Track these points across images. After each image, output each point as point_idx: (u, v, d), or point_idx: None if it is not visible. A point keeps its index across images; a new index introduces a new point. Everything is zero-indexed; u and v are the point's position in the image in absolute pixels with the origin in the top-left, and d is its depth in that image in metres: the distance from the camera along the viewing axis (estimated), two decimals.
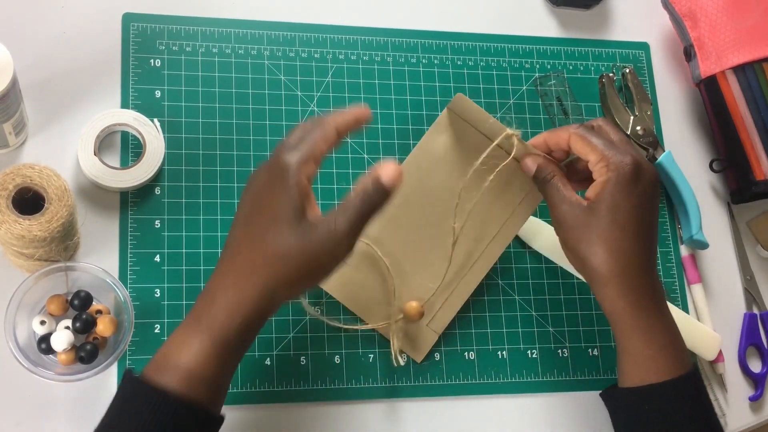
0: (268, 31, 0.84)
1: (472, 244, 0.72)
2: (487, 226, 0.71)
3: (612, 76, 0.90)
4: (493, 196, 0.70)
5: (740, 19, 0.88)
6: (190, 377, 0.54)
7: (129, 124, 0.76)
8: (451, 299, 0.74)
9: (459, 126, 0.68)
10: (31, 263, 0.69)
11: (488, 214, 0.71)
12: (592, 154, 0.64)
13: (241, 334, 0.56)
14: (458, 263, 0.72)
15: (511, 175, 0.70)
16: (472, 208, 0.70)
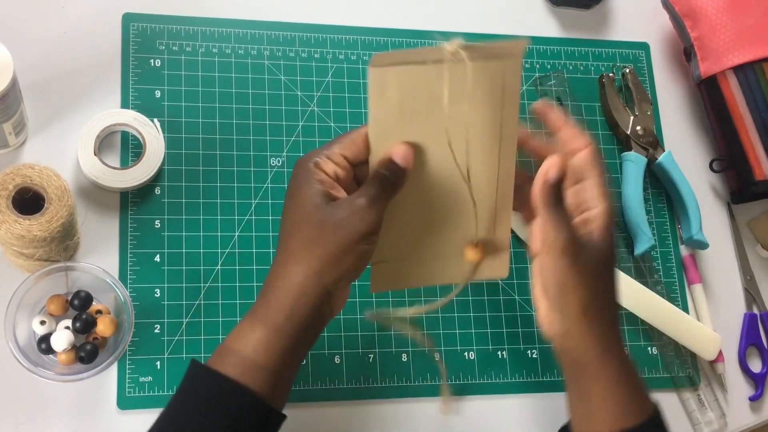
0: (268, 31, 0.84)
1: (484, 165, 0.63)
2: (488, 138, 0.63)
3: (612, 76, 0.90)
4: (477, 110, 0.61)
5: (740, 19, 0.88)
6: (245, 363, 0.55)
7: (129, 124, 0.76)
8: (499, 210, 0.65)
9: (396, 75, 0.59)
10: (31, 263, 0.69)
11: (482, 128, 0.62)
12: (593, 179, 0.62)
13: (293, 320, 0.56)
14: (482, 188, 0.64)
15: (480, 79, 0.60)
16: (466, 133, 0.61)
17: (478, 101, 0.60)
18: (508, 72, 0.60)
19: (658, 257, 0.87)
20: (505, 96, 0.61)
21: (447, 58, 0.57)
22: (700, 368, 0.84)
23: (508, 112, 0.62)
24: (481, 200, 0.63)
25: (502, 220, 0.64)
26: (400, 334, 0.78)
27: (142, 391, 0.72)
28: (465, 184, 0.62)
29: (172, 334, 0.74)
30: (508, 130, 0.62)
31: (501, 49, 0.59)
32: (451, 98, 0.58)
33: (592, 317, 0.60)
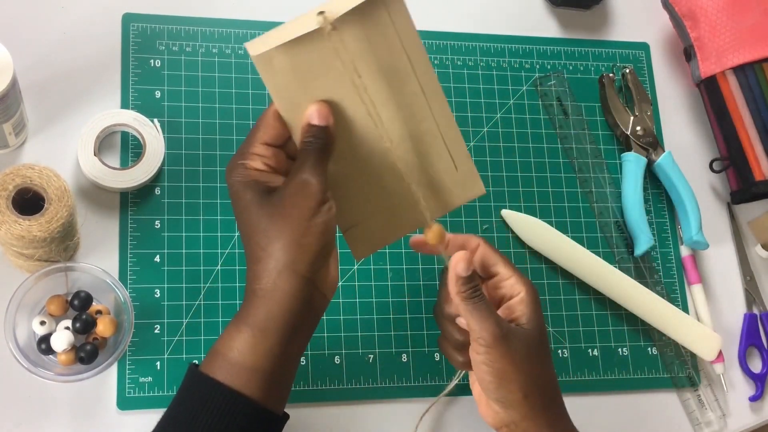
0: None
1: (408, 109, 0.60)
2: (401, 85, 0.59)
3: (612, 76, 0.90)
4: (376, 63, 0.58)
5: (740, 19, 0.88)
6: (234, 367, 0.55)
7: (129, 124, 0.76)
8: (451, 145, 0.62)
9: (279, 53, 0.56)
10: (31, 263, 0.69)
11: (389, 77, 0.59)
12: (504, 267, 0.63)
13: (276, 319, 0.55)
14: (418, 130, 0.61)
15: (366, 35, 0.57)
16: (372, 95, 0.59)
17: (373, 55, 0.58)
18: (395, 17, 0.58)
19: (658, 257, 0.87)
20: (403, 40, 0.59)
21: (323, 26, 0.55)
22: (700, 368, 0.84)
23: (414, 54, 0.59)
24: (421, 142, 0.61)
25: (458, 151, 0.62)
26: (400, 334, 0.78)
27: (142, 392, 0.72)
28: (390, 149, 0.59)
29: (172, 335, 0.74)
30: (421, 70, 0.60)
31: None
32: (344, 62, 0.57)
33: (534, 401, 0.60)
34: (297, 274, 0.55)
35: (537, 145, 0.87)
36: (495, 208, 0.84)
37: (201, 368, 0.56)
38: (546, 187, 0.86)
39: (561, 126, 0.88)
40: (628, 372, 0.82)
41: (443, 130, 0.61)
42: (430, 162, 0.61)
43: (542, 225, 0.83)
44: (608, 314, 0.84)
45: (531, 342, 0.60)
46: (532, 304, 0.62)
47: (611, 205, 0.87)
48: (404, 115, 0.60)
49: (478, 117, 0.86)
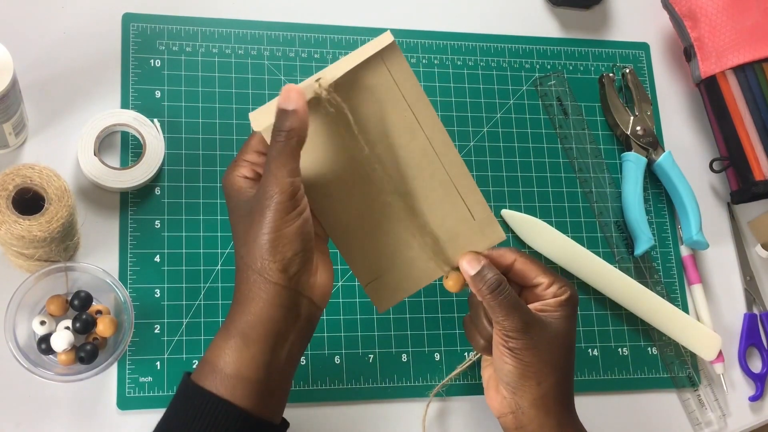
0: (268, 31, 0.84)
1: (420, 163, 0.60)
2: (409, 140, 0.59)
3: (612, 76, 0.90)
4: (381, 126, 0.59)
5: (740, 19, 0.88)
6: (223, 377, 0.54)
7: (129, 124, 0.76)
8: (464, 194, 0.62)
9: None
10: (31, 263, 0.69)
11: (397, 136, 0.59)
12: (544, 276, 0.63)
13: (259, 326, 0.55)
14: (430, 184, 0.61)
15: (367, 97, 0.58)
16: (380, 154, 0.59)
17: (375, 113, 0.58)
18: (394, 71, 0.58)
19: (658, 257, 0.87)
20: (405, 95, 0.59)
21: (323, 97, 0.56)
22: (700, 368, 0.84)
23: (417, 107, 0.59)
24: (434, 194, 0.62)
25: (473, 200, 0.62)
26: (400, 334, 0.78)
27: (142, 392, 0.72)
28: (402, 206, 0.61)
29: (172, 334, 0.74)
30: (427, 122, 0.60)
31: (370, 53, 0.57)
32: (346, 124, 0.57)
33: (546, 391, 0.61)
34: (269, 283, 0.55)
35: (537, 145, 0.87)
36: (495, 208, 0.84)
37: (193, 377, 0.56)
38: (546, 187, 0.86)
39: (561, 126, 0.88)
40: (628, 372, 0.82)
41: (456, 180, 0.61)
42: (445, 213, 0.62)
43: (542, 225, 0.83)
44: (608, 314, 0.84)
45: (557, 336, 0.61)
46: (568, 308, 0.62)
47: (611, 205, 0.87)
48: (414, 170, 0.60)
49: (478, 117, 0.86)
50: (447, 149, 0.61)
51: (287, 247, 0.54)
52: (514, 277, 0.64)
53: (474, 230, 0.63)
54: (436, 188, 0.61)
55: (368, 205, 0.61)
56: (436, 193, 0.61)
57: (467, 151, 0.85)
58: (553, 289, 0.63)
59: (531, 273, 0.63)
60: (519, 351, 0.60)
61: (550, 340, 0.61)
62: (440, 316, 0.79)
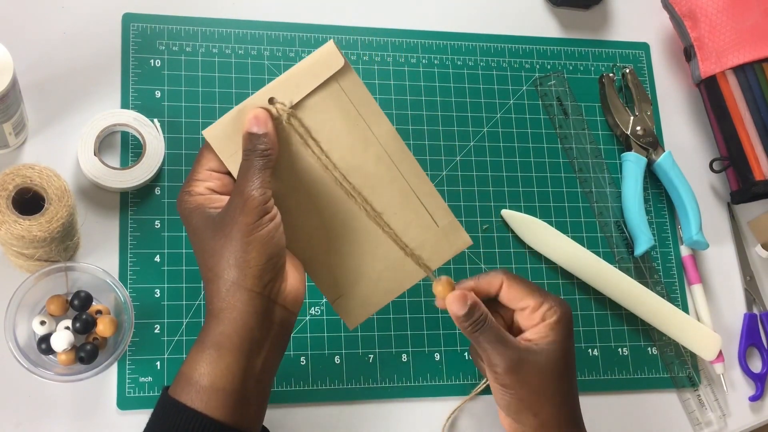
0: (268, 31, 0.84)
1: (378, 174, 0.61)
2: (362, 152, 0.60)
3: (612, 76, 0.90)
4: (334, 137, 0.59)
5: (740, 19, 0.88)
6: (198, 389, 0.54)
7: (129, 124, 0.76)
8: (427, 202, 0.62)
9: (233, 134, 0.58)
10: (31, 263, 0.69)
11: (351, 146, 0.60)
12: (532, 298, 0.61)
13: (232, 337, 0.55)
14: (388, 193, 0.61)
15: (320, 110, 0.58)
16: (337, 164, 0.60)
17: (328, 126, 0.59)
18: (347, 88, 0.58)
19: (658, 257, 0.87)
20: (357, 107, 0.59)
21: (282, 119, 0.57)
22: (700, 368, 0.84)
23: (370, 118, 0.60)
24: (395, 202, 0.62)
25: (434, 206, 0.62)
26: (400, 334, 0.78)
27: (142, 392, 0.72)
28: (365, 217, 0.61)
29: (172, 334, 0.74)
30: (380, 132, 0.60)
31: (319, 69, 0.57)
32: (302, 138, 0.58)
33: (547, 419, 0.60)
34: (245, 290, 0.54)
35: (537, 145, 0.87)
36: (495, 208, 0.84)
37: (170, 391, 0.56)
38: (546, 187, 0.86)
39: (561, 126, 0.88)
40: (628, 372, 0.82)
41: (415, 188, 0.61)
42: (408, 222, 0.61)
43: (542, 225, 0.83)
44: (608, 314, 0.84)
45: (549, 364, 0.60)
46: (560, 328, 0.60)
47: (611, 205, 0.87)
48: (372, 179, 0.60)
49: (478, 117, 0.86)
50: (403, 157, 0.61)
51: (261, 253, 0.54)
52: (502, 301, 0.63)
53: (439, 237, 0.62)
54: (395, 197, 0.61)
55: (329, 219, 0.60)
56: (397, 202, 0.61)
57: (467, 151, 0.85)
58: (542, 311, 0.61)
59: (518, 296, 0.62)
60: (511, 387, 0.60)
61: (542, 371, 0.59)
62: (440, 316, 0.79)
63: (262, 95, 0.57)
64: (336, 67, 0.57)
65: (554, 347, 0.60)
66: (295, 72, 0.57)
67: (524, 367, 0.59)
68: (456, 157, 0.85)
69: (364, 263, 0.62)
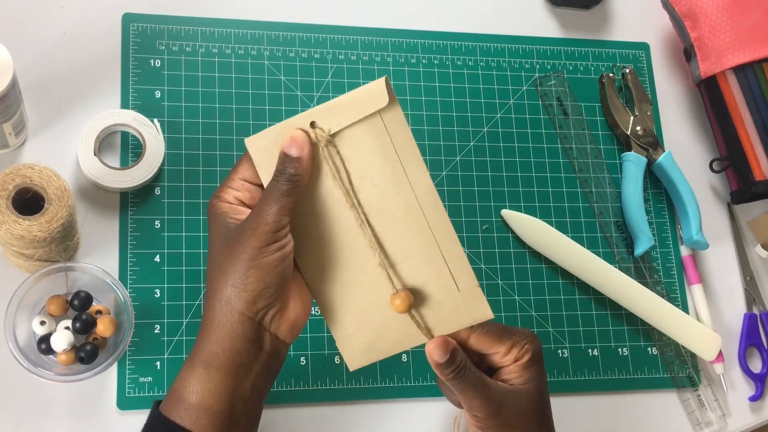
0: (268, 31, 0.84)
1: (403, 222, 0.57)
2: (395, 198, 0.57)
3: (612, 76, 0.90)
4: (369, 175, 0.57)
5: (740, 19, 0.88)
6: (187, 407, 0.54)
7: (129, 124, 0.76)
8: (451, 262, 0.58)
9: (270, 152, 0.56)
10: (31, 263, 0.69)
11: (383, 191, 0.57)
12: (501, 344, 0.58)
13: (220, 356, 0.54)
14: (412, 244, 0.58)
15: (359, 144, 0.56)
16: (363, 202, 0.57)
17: (363, 161, 0.56)
18: (390, 126, 0.55)
19: (658, 257, 0.87)
20: (399, 150, 0.56)
21: (316, 141, 0.55)
22: (700, 368, 0.84)
23: (409, 165, 0.56)
24: (417, 255, 0.58)
25: (460, 270, 0.57)
26: None
27: (142, 392, 0.72)
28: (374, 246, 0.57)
29: (172, 334, 0.74)
30: (417, 181, 0.57)
31: (365, 102, 0.54)
32: (334, 167, 0.56)
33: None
34: (237, 312, 0.54)
35: (537, 145, 0.87)
36: (495, 208, 0.84)
37: (161, 407, 0.55)
38: (546, 187, 0.86)
39: (561, 126, 0.88)
40: (628, 372, 0.82)
41: (442, 246, 0.57)
42: (427, 278, 0.57)
43: (542, 225, 0.83)
44: (608, 314, 0.84)
45: (529, 402, 0.59)
46: (532, 368, 0.59)
47: (611, 205, 0.87)
48: (398, 225, 0.57)
49: (478, 117, 0.86)
50: (435, 212, 0.57)
51: (259, 279, 0.53)
52: (472, 348, 0.60)
53: (458, 302, 0.58)
54: (419, 250, 0.57)
55: (347, 254, 0.58)
56: (420, 255, 0.57)
57: (467, 151, 0.85)
58: (513, 353, 0.58)
59: (486, 345, 0.59)
60: (490, 430, 0.58)
61: (521, 412, 0.58)
62: None
63: (306, 117, 0.55)
64: (381, 104, 0.55)
65: (531, 386, 0.59)
66: (341, 101, 0.55)
67: (505, 409, 0.58)
68: (456, 157, 0.85)
69: (375, 308, 0.59)
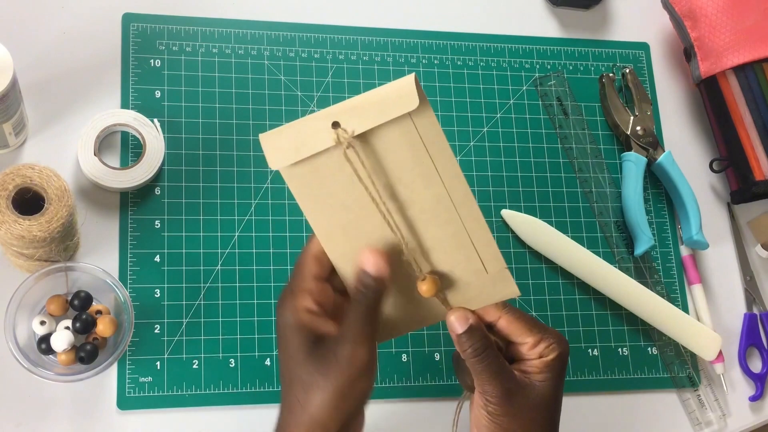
0: (268, 31, 0.84)
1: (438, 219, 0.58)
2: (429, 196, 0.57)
3: (612, 76, 0.90)
4: (401, 174, 0.56)
5: (740, 19, 0.88)
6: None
7: (129, 124, 0.76)
8: (480, 246, 0.58)
9: (303, 171, 0.55)
10: (31, 263, 0.69)
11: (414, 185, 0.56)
12: (530, 335, 0.58)
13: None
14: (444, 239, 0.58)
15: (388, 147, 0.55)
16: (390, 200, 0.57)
17: (392, 160, 0.55)
18: (420, 125, 0.54)
19: (658, 257, 0.87)
20: (427, 145, 0.55)
21: (339, 143, 0.53)
22: (700, 368, 0.84)
23: (438, 158, 0.56)
24: (447, 242, 0.58)
25: (489, 254, 0.58)
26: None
27: (142, 392, 0.72)
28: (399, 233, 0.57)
29: (172, 334, 0.74)
30: (447, 173, 0.56)
31: (393, 102, 0.53)
32: (359, 170, 0.54)
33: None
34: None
35: (537, 145, 0.87)
36: (495, 208, 0.84)
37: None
38: (546, 187, 0.86)
39: (561, 126, 0.88)
40: (628, 372, 0.82)
41: (472, 233, 0.58)
42: (456, 262, 0.58)
43: (542, 225, 0.83)
44: (608, 314, 0.84)
45: (541, 401, 0.58)
46: (555, 369, 0.59)
47: (611, 205, 0.87)
48: (427, 215, 0.57)
49: (478, 117, 0.86)
50: (466, 201, 0.57)
51: (354, 405, 0.54)
52: (498, 333, 0.60)
53: (485, 282, 0.58)
54: (449, 237, 0.58)
55: (376, 242, 0.57)
56: (449, 242, 0.58)
57: (467, 151, 0.85)
58: (540, 348, 0.58)
59: (516, 332, 0.59)
60: (498, 417, 0.58)
61: (532, 407, 0.58)
62: None
63: (327, 116, 0.54)
64: (411, 107, 0.53)
65: (549, 384, 0.59)
66: (366, 99, 0.53)
67: (518, 400, 0.57)
68: (456, 157, 0.84)
69: (404, 288, 0.59)
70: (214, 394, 0.73)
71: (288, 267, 0.77)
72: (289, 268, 0.78)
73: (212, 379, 0.73)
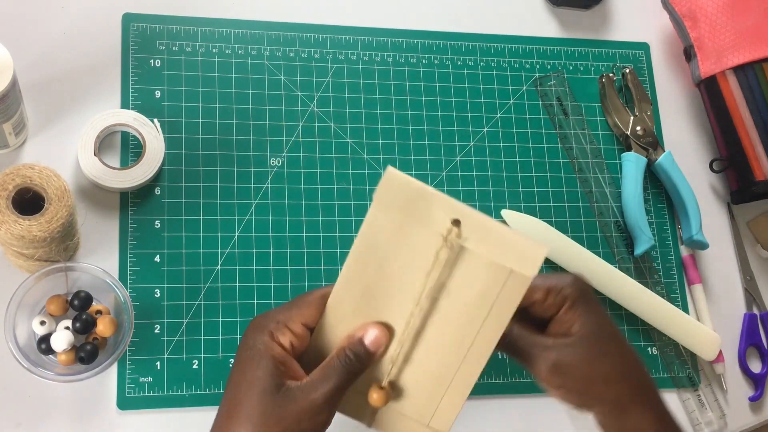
0: (268, 31, 0.84)
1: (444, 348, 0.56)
2: (457, 331, 0.55)
3: (612, 76, 0.90)
4: (455, 304, 0.54)
5: (740, 19, 0.88)
6: None
7: (129, 124, 0.76)
8: (451, 392, 0.57)
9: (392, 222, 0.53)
10: (31, 263, 0.69)
11: (452, 320, 0.55)
12: (536, 292, 0.56)
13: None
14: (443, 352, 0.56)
15: (471, 275, 0.53)
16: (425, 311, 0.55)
17: (460, 296, 0.54)
18: (510, 284, 0.53)
19: (658, 257, 0.87)
20: (494, 307, 0.54)
21: (444, 239, 0.52)
22: (700, 368, 0.84)
23: (489, 323, 0.54)
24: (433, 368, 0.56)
25: (448, 410, 0.57)
26: None
27: (142, 392, 0.72)
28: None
29: (172, 334, 0.74)
30: (489, 328, 0.54)
31: (513, 251, 0.52)
32: (431, 273, 0.53)
33: (610, 396, 0.57)
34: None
35: (537, 145, 0.87)
36: (495, 208, 0.84)
37: None
38: (546, 187, 0.86)
39: (561, 126, 0.88)
40: None
41: (451, 388, 0.56)
42: (417, 393, 0.57)
43: (542, 225, 0.83)
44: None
45: (587, 350, 0.56)
46: (578, 309, 0.56)
47: (611, 205, 0.87)
48: (435, 343, 0.55)
49: (478, 117, 0.86)
50: (473, 364, 0.56)
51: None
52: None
53: (418, 429, 0.58)
54: (433, 373, 0.56)
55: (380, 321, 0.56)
56: (430, 375, 0.56)
57: (467, 151, 0.85)
58: (551, 300, 0.56)
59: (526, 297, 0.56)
60: (562, 387, 0.56)
61: (584, 359, 0.56)
62: None
63: (453, 208, 0.52)
64: (525, 271, 0.52)
65: (585, 329, 0.56)
66: (497, 228, 0.52)
67: (564, 363, 0.55)
68: (456, 157, 0.85)
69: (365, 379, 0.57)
70: (214, 394, 0.73)
71: (288, 267, 0.77)
72: (289, 268, 0.78)
73: (212, 379, 0.73)
